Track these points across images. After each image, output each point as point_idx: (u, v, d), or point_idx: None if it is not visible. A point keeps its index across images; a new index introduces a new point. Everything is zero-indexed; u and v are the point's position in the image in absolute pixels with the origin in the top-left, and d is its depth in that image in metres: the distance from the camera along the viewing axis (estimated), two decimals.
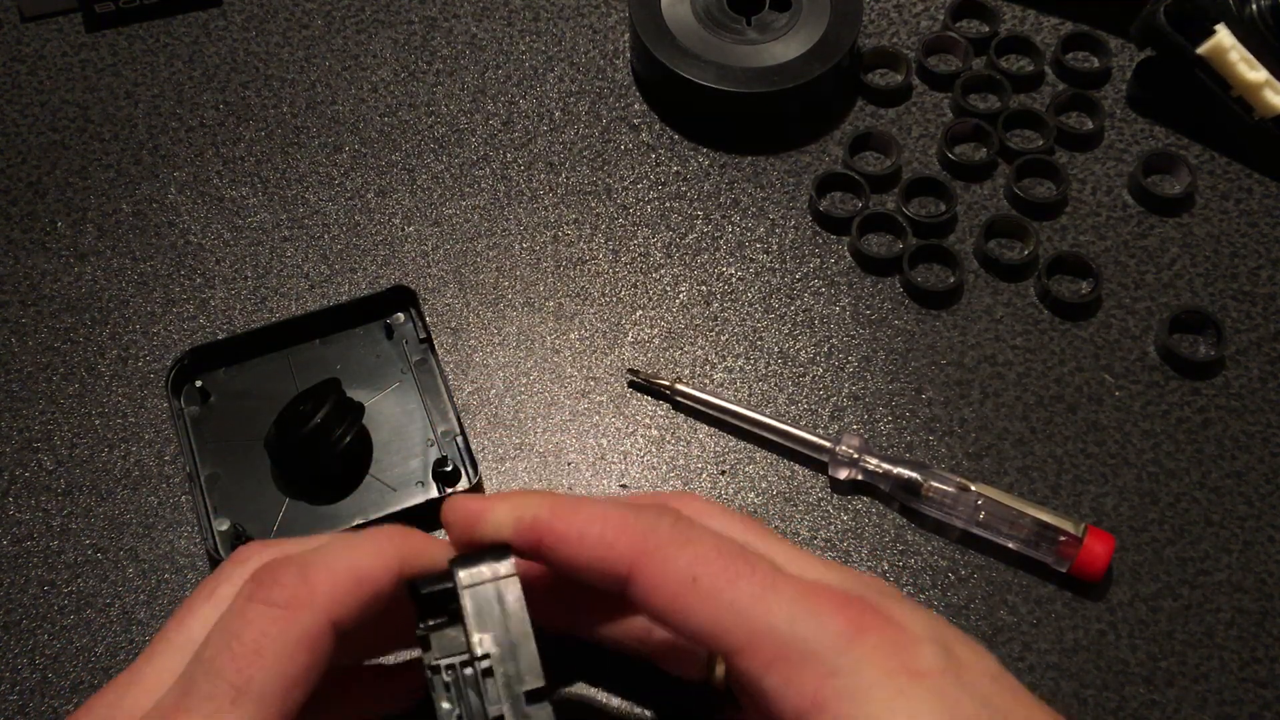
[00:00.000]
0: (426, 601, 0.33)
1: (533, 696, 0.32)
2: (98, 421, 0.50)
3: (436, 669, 0.32)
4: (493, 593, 0.33)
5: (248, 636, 0.31)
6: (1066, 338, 0.52)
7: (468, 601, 0.33)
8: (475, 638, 0.32)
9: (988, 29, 0.60)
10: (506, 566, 0.33)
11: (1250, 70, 0.54)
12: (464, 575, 0.33)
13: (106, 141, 0.57)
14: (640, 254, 0.54)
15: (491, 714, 0.31)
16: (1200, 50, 0.55)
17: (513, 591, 0.33)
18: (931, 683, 0.32)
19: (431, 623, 0.33)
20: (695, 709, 0.42)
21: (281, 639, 0.32)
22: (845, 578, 0.35)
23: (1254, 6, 0.55)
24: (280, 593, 0.32)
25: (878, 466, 0.48)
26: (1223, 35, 0.54)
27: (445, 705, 0.32)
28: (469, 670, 0.32)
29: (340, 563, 0.33)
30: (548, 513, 0.34)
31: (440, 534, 0.36)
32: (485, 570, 0.33)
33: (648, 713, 0.44)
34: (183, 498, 0.48)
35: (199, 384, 0.49)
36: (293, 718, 0.32)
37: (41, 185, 0.56)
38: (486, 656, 0.32)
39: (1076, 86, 0.59)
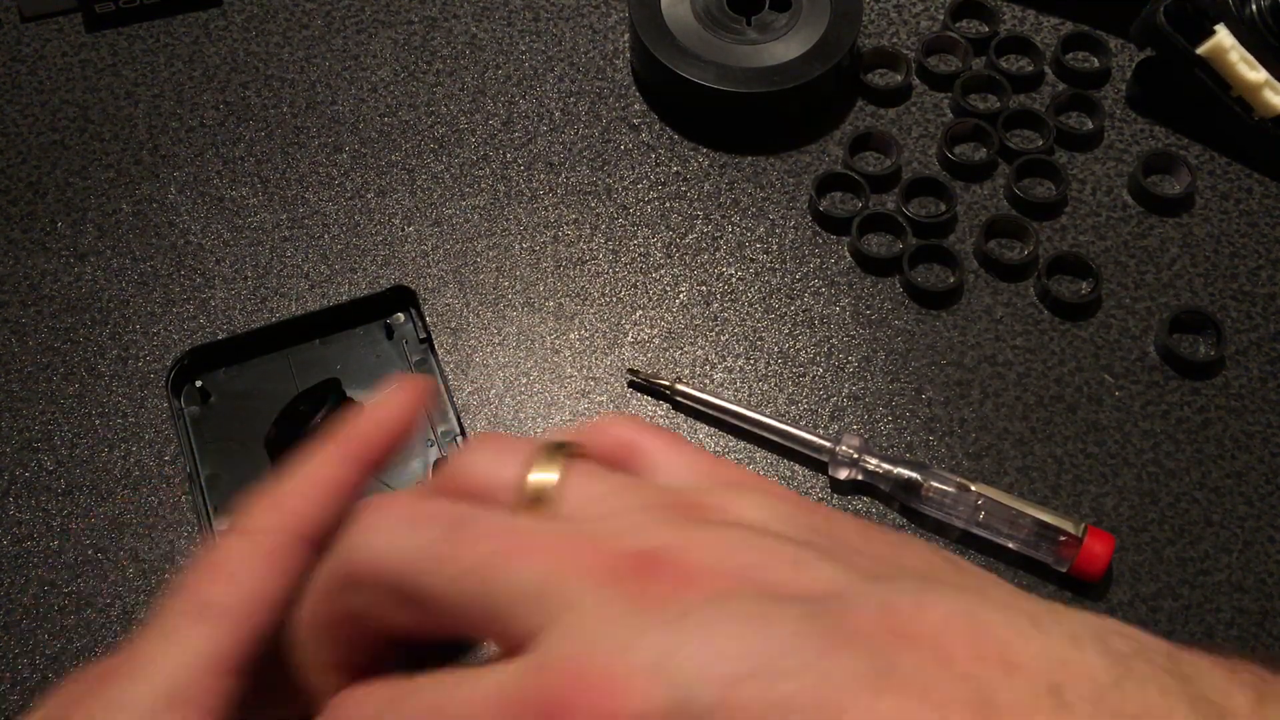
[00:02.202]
0: None
1: None
2: (98, 421, 0.50)
3: None
4: None
5: (216, 560, 0.32)
6: (1066, 338, 0.52)
7: None
8: None
9: (988, 29, 0.60)
10: None
11: (1250, 70, 0.54)
12: None
13: (106, 141, 0.57)
14: (640, 254, 0.54)
15: None
16: (1200, 50, 0.55)
17: None
18: None
19: None
20: None
21: (246, 557, 0.31)
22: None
23: (1254, 6, 0.55)
24: (249, 520, 0.32)
25: (878, 466, 0.48)
26: (1223, 35, 0.54)
27: None
28: None
29: (301, 481, 0.32)
30: None
31: None
32: None
33: None
34: (183, 498, 0.48)
35: (199, 384, 0.49)
36: (259, 640, 0.31)
37: (41, 185, 0.56)
38: None
39: (1076, 86, 0.59)
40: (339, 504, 0.34)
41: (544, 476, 0.26)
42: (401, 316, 0.51)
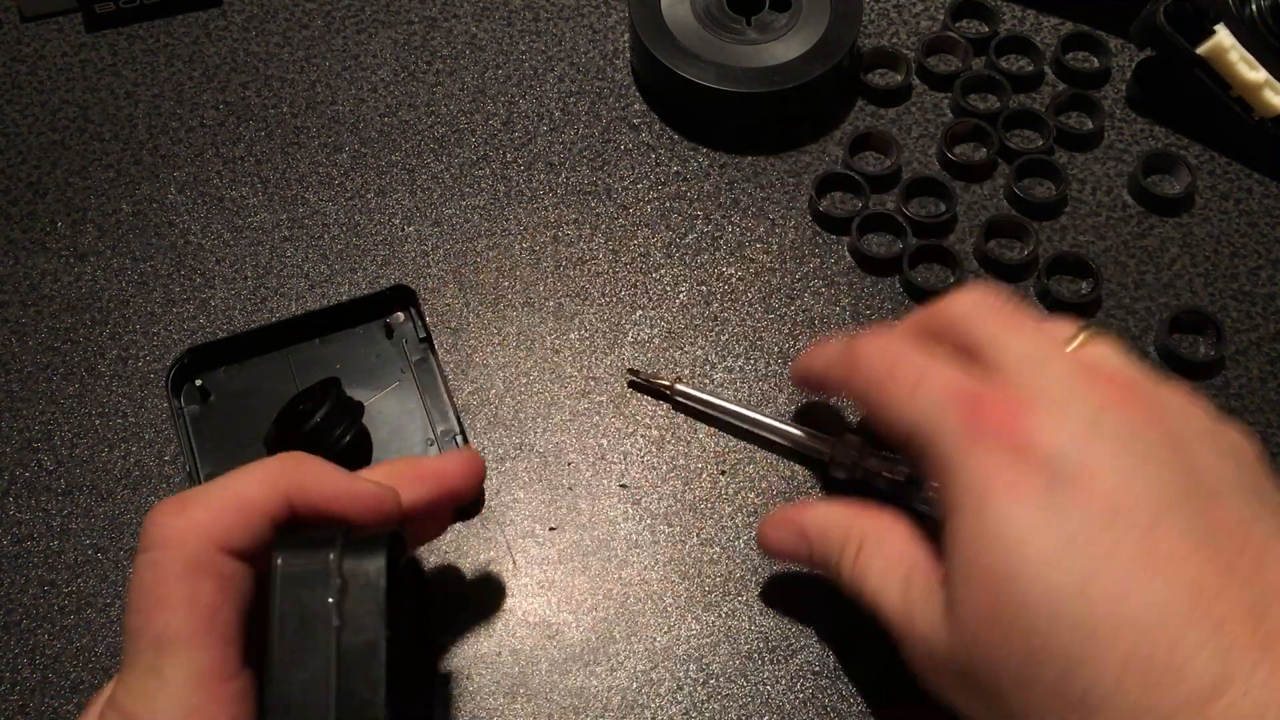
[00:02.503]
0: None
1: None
2: (98, 421, 0.50)
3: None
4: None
5: (144, 593, 0.32)
6: None
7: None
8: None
9: (988, 29, 0.60)
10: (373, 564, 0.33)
11: (1250, 70, 0.54)
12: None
13: (106, 141, 0.57)
14: (640, 254, 0.54)
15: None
16: (1200, 50, 0.55)
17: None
18: (1031, 503, 0.33)
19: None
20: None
21: (173, 579, 0.32)
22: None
23: (1254, 6, 0.55)
24: (157, 533, 0.33)
25: (878, 467, 0.48)
26: (1223, 35, 0.54)
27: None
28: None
29: (219, 492, 0.34)
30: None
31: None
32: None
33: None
34: None
35: (199, 383, 0.49)
36: (234, 639, 0.33)
37: (41, 185, 0.56)
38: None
39: (1076, 86, 0.59)
40: (256, 523, 0.34)
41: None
42: (401, 316, 0.51)
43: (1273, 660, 0.30)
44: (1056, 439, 0.33)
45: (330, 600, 0.32)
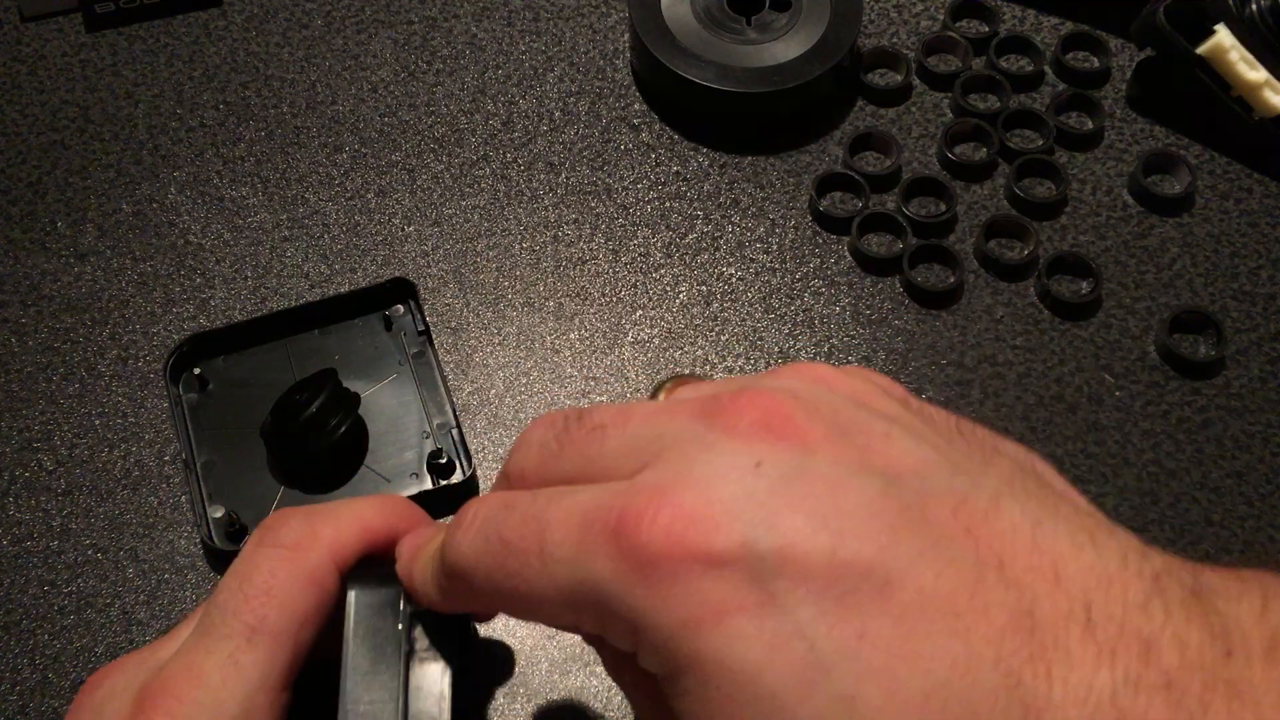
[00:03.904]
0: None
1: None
2: (98, 421, 0.50)
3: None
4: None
5: (258, 579, 0.33)
6: (1066, 338, 0.52)
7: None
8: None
9: (988, 29, 0.60)
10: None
11: (1250, 70, 0.54)
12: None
13: (106, 141, 0.57)
14: (640, 254, 0.54)
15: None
16: (1200, 50, 0.55)
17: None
18: (739, 625, 0.24)
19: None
20: None
21: (289, 578, 0.33)
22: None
23: (1254, 6, 0.55)
24: (287, 534, 0.34)
25: None
26: (1223, 35, 0.54)
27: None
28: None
29: (345, 512, 0.35)
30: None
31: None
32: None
33: None
34: (183, 497, 0.48)
35: (197, 371, 0.50)
36: (304, 654, 0.34)
37: (41, 185, 0.56)
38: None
39: (1076, 86, 0.59)
40: (364, 546, 0.36)
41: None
42: (400, 308, 0.51)
43: (1061, 672, 0.23)
44: (730, 524, 0.24)
45: (401, 627, 0.33)
